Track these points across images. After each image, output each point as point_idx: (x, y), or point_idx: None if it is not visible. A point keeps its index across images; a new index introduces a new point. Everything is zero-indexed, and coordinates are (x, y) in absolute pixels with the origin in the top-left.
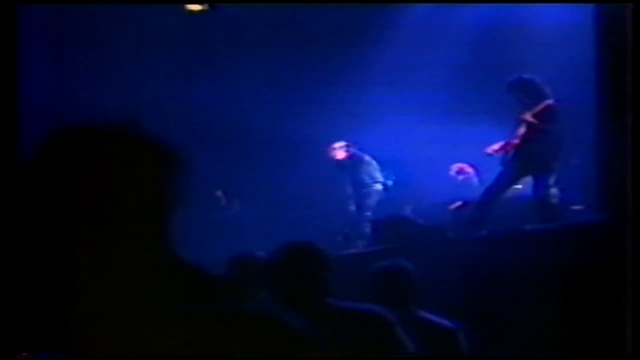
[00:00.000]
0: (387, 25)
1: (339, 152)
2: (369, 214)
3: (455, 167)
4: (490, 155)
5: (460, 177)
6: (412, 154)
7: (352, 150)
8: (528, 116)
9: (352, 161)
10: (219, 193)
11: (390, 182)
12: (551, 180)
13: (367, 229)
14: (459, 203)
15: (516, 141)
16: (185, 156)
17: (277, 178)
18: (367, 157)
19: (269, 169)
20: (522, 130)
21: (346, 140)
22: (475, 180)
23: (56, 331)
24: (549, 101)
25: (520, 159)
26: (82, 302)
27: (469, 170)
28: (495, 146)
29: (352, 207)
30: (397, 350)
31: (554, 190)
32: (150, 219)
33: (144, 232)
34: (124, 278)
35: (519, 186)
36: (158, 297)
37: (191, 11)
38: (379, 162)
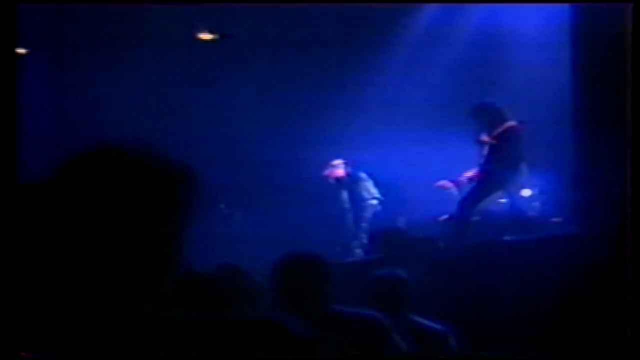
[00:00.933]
0: (379, 47)
1: (337, 169)
2: (365, 225)
3: (439, 183)
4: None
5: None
6: (403, 173)
7: (349, 167)
8: (484, 137)
9: (349, 178)
10: (222, 206)
11: (382, 198)
12: (526, 195)
13: (364, 240)
14: (445, 216)
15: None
16: (197, 174)
17: (278, 192)
18: (362, 174)
19: (271, 184)
20: (485, 151)
21: (343, 159)
22: (456, 194)
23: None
24: (511, 123)
25: (488, 176)
26: (97, 308)
27: (451, 185)
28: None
29: (350, 220)
30: (391, 351)
31: (533, 204)
32: (162, 232)
33: (157, 244)
34: (137, 287)
35: (502, 200)
36: (169, 305)
37: (202, 40)
38: (373, 179)
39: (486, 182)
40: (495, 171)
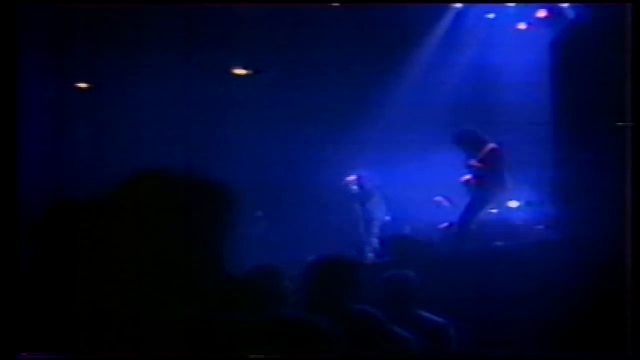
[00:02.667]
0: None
1: (354, 182)
2: (376, 231)
3: (436, 198)
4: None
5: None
6: (407, 189)
7: (362, 182)
8: (474, 162)
9: (362, 191)
10: (259, 213)
11: (389, 218)
12: (513, 206)
13: (376, 245)
14: (446, 224)
15: (473, 179)
16: (235, 192)
17: (300, 202)
18: (376, 187)
19: (293, 195)
20: (474, 170)
21: (357, 174)
22: (450, 207)
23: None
24: (492, 145)
25: (480, 191)
26: (146, 308)
27: (444, 201)
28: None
29: (363, 228)
30: (399, 342)
31: (518, 214)
32: (207, 241)
33: (203, 251)
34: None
35: (493, 210)
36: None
37: (237, 75)
38: (382, 193)
39: (478, 197)
40: (485, 187)
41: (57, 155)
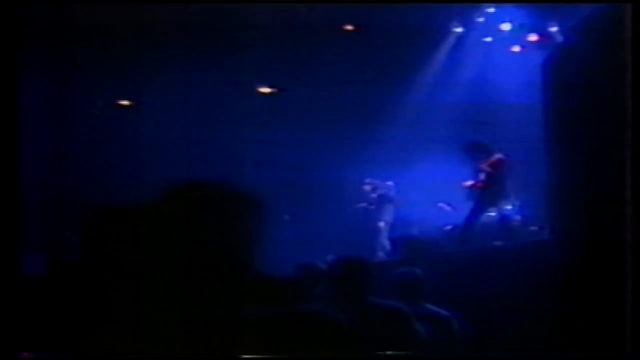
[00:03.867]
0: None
1: (368, 188)
2: (387, 233)
3: (439, 205)
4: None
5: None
6: (415, 195)
7: (377, 187)
8: (485, 166)
9: (376, 195)
10: (286, 217)
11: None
12: (511, 210)
13: (387, 245)
14: (449, 226)
15: (479, 184)
16: (265, 201)
17: (319, 207)
18: (387, 193)
19: (312, 200)
20: (481, 176)
21: (372, 179)
22: (452, 211)
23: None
24: (498, 155)
25: (484, 196)
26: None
27: (446, 207)
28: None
29: (375, 229)
30: (411, 334)
31: (515, 217)
32: (240, 243)
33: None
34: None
35: (492, 214)
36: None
37: (262, 93)
38: (393, 198)
39: (484, 201)
40: (488, 193)
41: (102, 166)
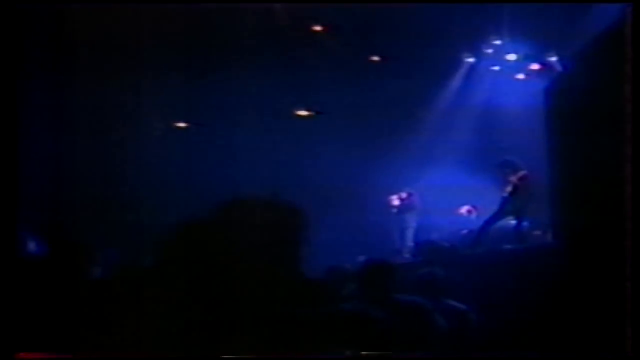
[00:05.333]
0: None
1: (394, 198)
2: (411, 237)
3: (465, 208)
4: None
5: (468, 214)
6: (436, 202)
7: (402, 198)
8: (514, 179)
9: (402, 205)
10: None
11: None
12: (524, 218)
13: (411, 248)
14: (465, 231)
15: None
16: (306, 212)
17: (352, 213)
18: (411, 202)
19: (348, 208)
20: (508, 188)
21: (398, 193)
22: (474, 215)
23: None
24: (524, 172)
25: (507, 205)
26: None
27: (472, 209)
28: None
29: (399, 234)
30: (433, 325)
31: (524, 224)
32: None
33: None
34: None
35: (509, 220)
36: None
37: (300, 116)
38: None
39: (507, 209)
40: (514, 202)
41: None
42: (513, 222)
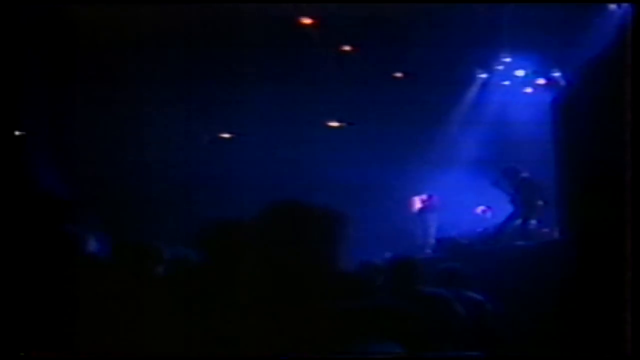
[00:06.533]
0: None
1: (417, 202)
2: (432, 235)
3: (481, 208)
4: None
5: (483, 213)
6: (456, 203)
7: (424, 199)
8: (516, 182)
9: (423, 206)
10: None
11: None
12: (532, 218)
13: (433, 244)
14: (481, 229)
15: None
16: (345, 216)
17: (379, 213)
18: (433, 203)
19: (375, 208)
20: (512, 191)
21: (422, 195)
22: (489, 214)
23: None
24: (525, 174)
25: (517, 206)
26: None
27: (487, 209)
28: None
29: (423, 232)
30: (453, 314)
31: (532, 222)
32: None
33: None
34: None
35: (518, 221)
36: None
37: (331, 127)
38: (438, 206)
39: (515, 210)
40: (520, 203)
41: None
42: (520, 221)
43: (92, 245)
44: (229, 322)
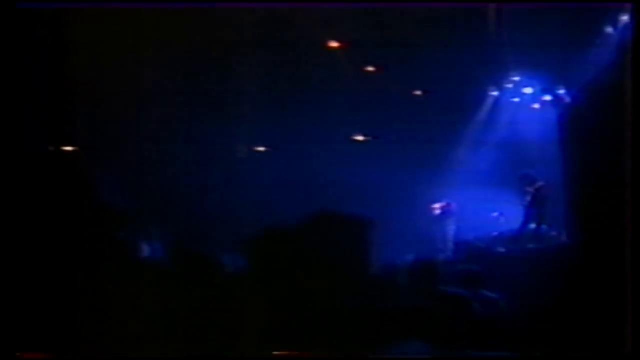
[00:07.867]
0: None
1: (436, 207)
2: (451, 239)
3: (495, 213)
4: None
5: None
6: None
7: (444, 206)
8: (532, 189)
9: (442, 212)
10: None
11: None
12: (543, 223)
13: (452, 248)
14: (496, 233)
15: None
16: (373, 222)
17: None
18: (451, 209)
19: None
20: (528, 198)
21: (441, 202)
22: (503, 220)
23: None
24: (541, 183)
25: (530, 212)
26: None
27: (501, 215)
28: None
29: (443, 237)
30: (471, 311)
31: (543, 227)
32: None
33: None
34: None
35: (532, 225)
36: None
37: (357, 140)
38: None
39: (528, 216)
40: (534, 209)
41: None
42: (534, 226)
43: (144, 251)
44: (268, 321)
